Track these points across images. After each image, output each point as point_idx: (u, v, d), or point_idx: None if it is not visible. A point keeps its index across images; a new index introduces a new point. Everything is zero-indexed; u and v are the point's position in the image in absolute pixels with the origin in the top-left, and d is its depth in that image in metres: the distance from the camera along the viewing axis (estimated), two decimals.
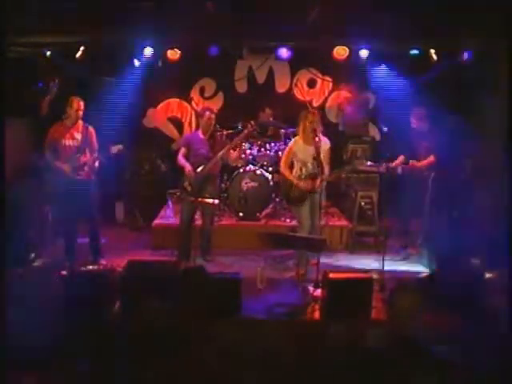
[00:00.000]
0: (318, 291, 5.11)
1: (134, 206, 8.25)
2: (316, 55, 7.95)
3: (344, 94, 8.68)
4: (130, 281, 4.66)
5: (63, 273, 5.11)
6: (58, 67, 7.27)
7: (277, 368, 2.19)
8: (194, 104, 8.76)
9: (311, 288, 5.31)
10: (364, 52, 7.21)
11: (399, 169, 6.46)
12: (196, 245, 6.27)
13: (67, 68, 7.19)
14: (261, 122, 7.79)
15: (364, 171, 6.95)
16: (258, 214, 7.30)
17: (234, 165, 7.30)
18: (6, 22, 4.20)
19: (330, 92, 8.75)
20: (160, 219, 7.43)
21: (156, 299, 3.58)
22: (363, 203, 7.18)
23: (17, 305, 3.50)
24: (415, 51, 7.26)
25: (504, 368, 2.98)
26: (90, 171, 6.07)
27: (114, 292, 4.57)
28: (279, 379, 2.18)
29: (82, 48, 6.94)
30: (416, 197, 6.40)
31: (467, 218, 6.33)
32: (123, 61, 7.47)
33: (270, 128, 8.03)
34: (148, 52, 7.14)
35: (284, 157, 6.03)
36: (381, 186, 7.07)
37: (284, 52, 7.42)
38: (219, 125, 7.09)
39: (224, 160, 6.42)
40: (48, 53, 7.05)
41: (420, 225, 6.59)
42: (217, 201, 6.20)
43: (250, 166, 7.42)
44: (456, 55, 7.14)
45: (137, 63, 7.49)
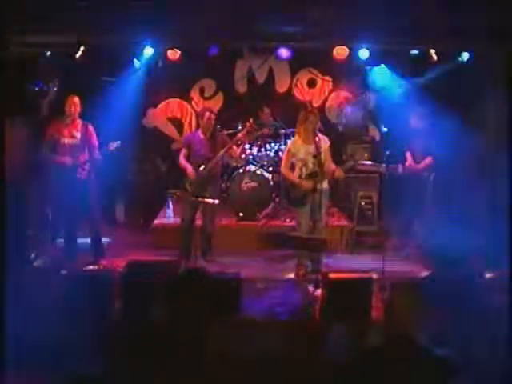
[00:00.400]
0: (318, 291, 5.11)
1: (134, 206, 8.25)
2: (316, 55, 7.95)
3: (344, 94, 8.69)
4: (130, 281, 4.66)
5: (63, 273, 5.11)
6: (58, 67, 7.27)
7: (277, 368, 2.19)
8: (194, 104, 8.77)
9: (311, 288, 5.32)
10: (364, 52, 7.19)
11: (399, 169, 6.47)
12: (196, 245, 6.27)
13: (67, 68, 7.20)
14: (260, 122, 7.79)
15: (364, 171, 6.96)
16: (258, 214, 7.30)
17: (234, 165, 7.31)
18: (6, 22, 4.21)
19: (330, 92, 8.76)
20: (160, 219, 7.44)
21: (156, 299, 3.58)
22: (363, 203, 7.19)
23: (17, 305, 3.50)
24: (415, 51, 7.26)
25: (504, 368, 2.99)
26: (90, 170, 6.07)
27: (114, 292, 4.57)
28: (279, 379, 2.19)
29: (82, 48, 6.94)
30: (416, 197, 6.41)
31: (467, 218, 6.33)
32: (123, 61, 7.46)
33: (270, 127, 8.03)
34: (148, 52, 7.14)
35: (284, 158, 6.04)
36: (381, 186, 7.07)
37: (284, 52, 7.42)
38: (219, 125, 7.09)
39: (225, 159, 6.42)
40: (48, 53, 7.05)
41: (420, 225, 6.59)
42: (217, 201, 6.21)
43: (250, 166, 7.42)
44: (456, 55, 7.15)
45: (137, 63, 7.49)
